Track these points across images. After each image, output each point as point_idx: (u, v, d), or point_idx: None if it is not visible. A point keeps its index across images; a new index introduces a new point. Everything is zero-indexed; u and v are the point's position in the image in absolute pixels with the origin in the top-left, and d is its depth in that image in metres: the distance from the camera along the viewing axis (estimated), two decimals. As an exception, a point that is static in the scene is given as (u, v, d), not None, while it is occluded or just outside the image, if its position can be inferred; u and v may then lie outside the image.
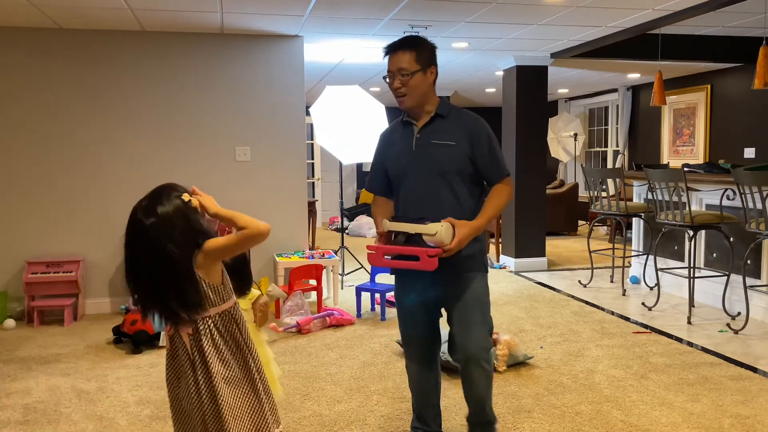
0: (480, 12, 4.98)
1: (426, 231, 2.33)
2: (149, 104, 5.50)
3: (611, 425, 3.09)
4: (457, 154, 2.48)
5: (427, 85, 2.49)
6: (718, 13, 5.42)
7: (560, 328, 4.77)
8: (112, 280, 5.50)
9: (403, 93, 2.47)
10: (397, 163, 2.58)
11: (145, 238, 1.83)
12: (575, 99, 11.49)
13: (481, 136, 2.50)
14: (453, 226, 2.36)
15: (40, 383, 3.76)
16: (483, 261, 2.60)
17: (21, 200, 5.30)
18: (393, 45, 2.49)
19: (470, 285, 2.54)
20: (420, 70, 2.45)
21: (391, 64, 2.48)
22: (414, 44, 2.47)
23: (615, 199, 5.77)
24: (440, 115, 2.53)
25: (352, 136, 6.09)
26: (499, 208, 2.52)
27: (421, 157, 2.50)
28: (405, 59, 2.44)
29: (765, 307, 4.88)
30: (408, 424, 3.13)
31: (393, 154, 2.61)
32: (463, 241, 2.37)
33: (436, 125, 2.52)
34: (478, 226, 2.43)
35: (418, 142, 2.52)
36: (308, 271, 5.25)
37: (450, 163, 2.48)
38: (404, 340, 2.78)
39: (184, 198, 1.88)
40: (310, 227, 7.85)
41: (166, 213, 1.84)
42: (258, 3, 4.67)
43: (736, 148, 7.87)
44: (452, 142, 2.48)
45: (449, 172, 2.48)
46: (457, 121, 2.52)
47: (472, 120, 2.54)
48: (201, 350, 1.90)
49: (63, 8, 4.70)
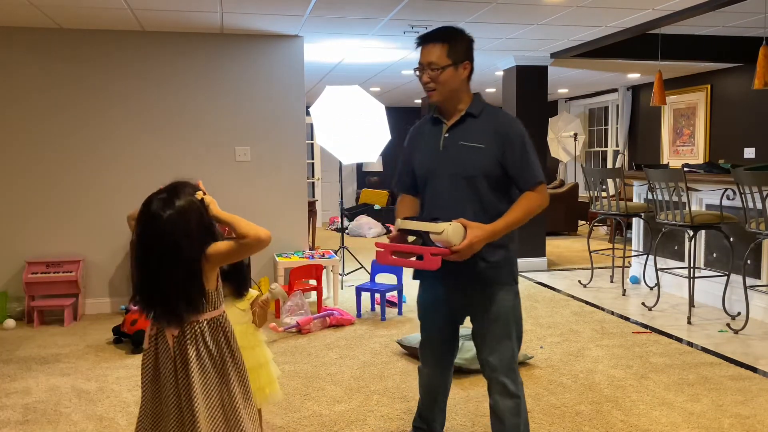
0: (480, 12, 4.98)
1: (433, 229, 2.21)
2: (149, 104, 5.50)
3: (611, 425, 3.09)
4: (486, 157, 2.30)
5: (458, 81, 2.32)
6: (718, 13, 5.42)
7: (560, 328, 4.77)
8: (112, 280, 5.50)
9: (432, 87, 2.32)
10: (424, 163, 2.44)
11: (159, 231, 1.82)
12: (575, 99, 11.49)
13: (513, 139, 2.31)
14: (465, 228, 2.20)
15: (40, 383, 3.76)
16: (511, 271, 2.39)
17: (21, 200, 5.30)
18: (425, 36, 2.33)
19: (495, 298, 2.36)
20: (451, 65, 2.29)
21: (422, 57, 2.32)
22: (447, 37, 2.30)
23: (615, 199, 5.77)
24: (471, 115, 2.36)
25: (352, 136, 6.10)
26: (525, 214, 2.29)
27: (448, 159, 2.35)
28: (435, 53, 2.29)
29: (765, 307, 4.88)
30: (408, 424, 3.13)
31: (420, 153, 2.47)
32: (474, 243, 2.18)
33: (466, 125, 2.36)
34: (494, 230, 2.22)
35: (446, 142, 2.37)
36: (308, 271, 5.24)
37: (477, 167, 2.30)
38: (421, 343, 2.66)
39: (197, 196, 1.89)
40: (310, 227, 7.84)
41: (183, 208, 1.84)
42: (258, 3, 4.67)
43: (736, 148, 7.87)
44: (481, 144, 2.31)
45: (476, 177, 2.31)
46: (488, 121, 2.34)
47: (506, 120, 2.35)
48: (185, 354, 1.88)
49: (63, 8, 4.70)
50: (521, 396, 2.40)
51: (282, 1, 4.61)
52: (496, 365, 2.38)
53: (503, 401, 2.38)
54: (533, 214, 2.32)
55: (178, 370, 1.89)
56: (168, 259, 1.82)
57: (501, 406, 2.39)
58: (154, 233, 1.83)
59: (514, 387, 2.37)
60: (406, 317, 5.17)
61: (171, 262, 1.82)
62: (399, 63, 7.33)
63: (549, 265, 7.34)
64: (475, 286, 2.37)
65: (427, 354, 2.65)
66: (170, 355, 1.89)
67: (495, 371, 2.39)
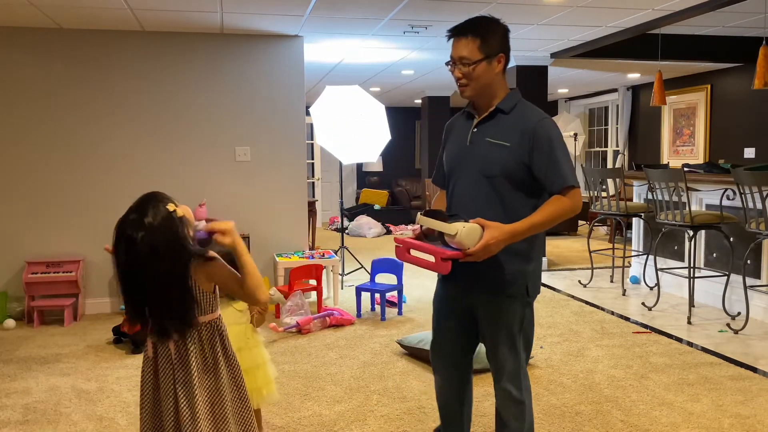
0: (480, 12, 4.98)
1: (446, 230, 2.06)
2: (149, 104, 5.50)
3: (611, 425, 3.09)
4: (510, 156, 2.17)
5: (492, 75, 2.20)
6: (718, 13, 5.42)
7: (560, 328, 4.77)
8: (112, 280, 5.50)
9: (464, 83, 2.20)
10: (451, 157, 2.35)
11: (134, 253, 1.77)
12: (575, 99, 11.49)
13: (541, 138, 2.15)
14: (483, 228, 2.06)
15: (40, 383, 3.76)
16: (525, 282, 2.23)
17: (21, 200, 5.30)
18: (457, 28, 2.21)
19: (501, 308, 2.25)
20: (484, 59, 2.16)
21: (453, 51, 2.20)
22: (479, 29, 2.18)
23: (615, 199, 5.77)
24: (502, 110, 2.23)
25: (352, 136, 6.10)
26: (551, 217, 2.12)
27: (472, 155, 2.25)
28: (468, 47, 2.16)
29: (765, 307, 4.88)
30: (408, 424, 3.14)
31: (450, 146, 2.38)
32: (491, 245, 2.04)
33: (495, 121, 2.23)
34: (514, 231, 2.07)
35: (473, 137, 2.26)
36: (308, 271, 5.24)
37: (498, 166, 2.18)
38: (431, 348, 2.53)
39: (169, 208, 1.83)
40: (310, 227, 7.84)
41: (152, 225, 1.78)
42: (258, 3, 4.67)
43: (736, 148, 7.87)
44: (507, 142, 2.18)
45: (496, 176, 2.18)
46: (518, 118, 2.21)
47: (536, 119, 2.19)
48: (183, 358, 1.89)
49: (63, 8, 4.70)
50: (526, 401, 2.32)
51: (282, 1, 4.61)
52: (499, 372, 2.32)
53: (507, 406, 2.33)
54: (561, 218, 2.15)
55: (177, 372, 1.89)
56: (148, 279, 1.79)
57: (505, 410, 2.34)
58: (130, 256, 1.79)
59: (518, 393, 2.30)
60: (406, 317, 5.16)
61: (150, 282, 1.79)
62: (399, 63, 7.33)
63: (549, 265, 7.34)
64: (488, 296, 2.27)
65: (436, 362, 2.52)
66: (170, 359, 1.89)
67: (498, 377, 2.33)
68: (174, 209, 1.82)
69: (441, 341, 2.48)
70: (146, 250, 1.76)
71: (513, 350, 2.29)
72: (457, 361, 2.47)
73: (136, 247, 1.76)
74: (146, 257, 1.76)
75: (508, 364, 2.29)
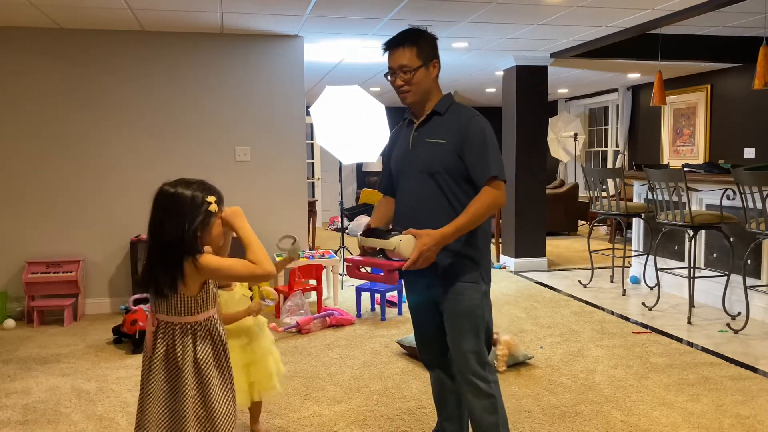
0: (480, 12, 4.98)
1: (386, 246, 2.24)
2: (149, 104, 5.50)
3: (611, 425, 3.09)
4: (447, 152, 2.33)
5: (430, 80, 2.38)
6: (718, 13, 5.42)
7: (560, 328, 4.77)
8: (112, 280, 5.50)
9: (406, 90, 2.37)
10: (396, 162, 2.50)
11: (157, 201, 1.91)
12: (575, 99, 11.49)
13: (472, 133, 2.31)
14: (415, 238, 2.21)
15: (40, 383, 3.76)
16: (477, 270, 2.37)
17: (21, 200, 5.30)
18: (392, 41, 2.37)
19: (460, 295, 2.36)
20: (422, 66, 2.34)
21: (392, 61, 2.37)
22: (414, 39, 2.34)
23: (615, 199, 5.77)
24: (437, 112, 2.40)
25: (352, 136, 6.10)
26: (478, 214, 2.26)
27: (415, 156, 2.41)
28: (406, 56, 2.33)
29: (765, 307, 4.88)
30: (408, 424, 3.14)
31: (394, 152, 2.53)
32: (424, 251, 2.19)
33: (432, 123, 2.41)
34: (444, 235, 2.21)
35: (414, 140, 2.43)
36: (308, 271, 5.25)
37: (438, 162, 2.33)
38: (416, 345, 2.66)
39: (208, 200, 1.91)
40: (310, 227, 7.85)
41: (183, 195, 1.89)
42: (258, 3, 4.67)
43: (736, 148, 7.87)
44: (443, 140, 2.34)
45: (438, 172, 2.33)
46: (453, 117, 2.38)
47: (468, 116, 2.36)
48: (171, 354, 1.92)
49: (63, 8, 4.70)
50: (495, 394, 2.38)
51: (282, 1, 4.61)
52: (462, 364, 2.37)
53: (477, 401, 2.37)
54: (487, 214, 2.28)
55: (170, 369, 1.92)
56: (153, 230, 1.91)
57: (475, 406, 2.37)
58: (155, 203, 1.93)
59: (485, 386, 2.36)
60: (406, 317, 5.16)
61: (153, 235, 1.90)
62: (399, 63, 7.32)
63: (549, 265, 7.34)
64: (444, 283, 2.37)
65: (423, 355, 2.64)
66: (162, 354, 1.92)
67: (462, 371, 2.37)
68: (211, 202, 1.92)
69: (423, 337, 2.60)
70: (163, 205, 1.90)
71: (476, 341, 2.37)
72: (444, 350, 2.52)
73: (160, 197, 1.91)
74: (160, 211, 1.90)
75: (471, 357, 2.36)
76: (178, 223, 1.87)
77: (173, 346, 1.92)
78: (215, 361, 1.97)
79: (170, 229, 1.87)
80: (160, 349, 1.92)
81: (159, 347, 1.92)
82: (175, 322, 1.93)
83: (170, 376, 1.92)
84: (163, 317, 1.94)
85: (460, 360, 2.38)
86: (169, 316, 1.93)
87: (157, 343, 1.93)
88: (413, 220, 2.35)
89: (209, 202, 1.91)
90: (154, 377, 1.92)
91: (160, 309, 1.94)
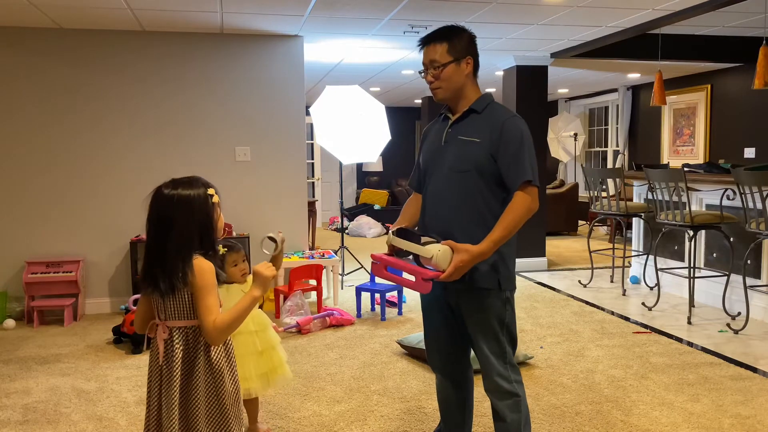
0: (480, 12, 4.98)
1: (423, 253, 2.20)
2: (149, 104, 5.50)
3: (611, 425, 3.09)
4: (480, 151, 2.27)
5: (462, 77, 2.33)
6: (718, 13, 5.42)
7: (560, 328, 4.77)
8: (112, 280, 5.50)
9: (436, 86, 2.34)
10: (427, 157, 2.45)
11: (158, 204, 1.91)
12: (575, 99, 11.49)
13: (509, 133, 2.26)
14: (452, 250, 2.17)
15: (40, 383, 3.76)
16: (497, 277, 2.32)
17: (21, 200, 5.30)
18: (426, 37, 2.36)
19: (481, 304, 2.33)
20: (453, 62, 2.30)
21: (424, 57, 2.35)
22: (447, 35, 2.32)
23: (615, 199, 5.77)
24: (474, 110, 2.35)
25: (352, 136, 6.09)
26: (512, 226, 2.20)
27: (446, 153, 2.36)
28: (437, 51, 2.31)
29: (765, 307, 4.88)
30: (408, 424, 3.14)
31: (426, 148, 2.49)
32: (460, 269, 2.16)
33: (468, 120, 2.36)
34: (481, 252, 2.17)
35: (448, 137, 2.38)
36: (308, 271, 5.24)
37: (470, 161, 2.28)
38: (425, 346, 2.62)
39: (209, 192, 1.94)
40: (310, 227, 7.84)
41: (189, 194, 1.91)
42: (258, 3, 4.67)
43: (736, 148, 7.87)
44: (477, 138, 2.29)
45: (469, 171, 2.28)
46: (489, 116, 2.32)
47: (505, 117, 2.31)
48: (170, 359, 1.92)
49: (63, 8, 4.70)
50: (519, 393, 2.37)
51: (282, 1, 4.61)
52: (487, 367, 2.36)
53: (500, 401, 2.37)
54: (521, 223, 2.23)
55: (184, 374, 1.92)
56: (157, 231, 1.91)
57: (499, 405, 2.38)
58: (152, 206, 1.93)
59: (508, 385, 2.35)
60: (406, 317, 5.16)
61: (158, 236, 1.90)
62: (399, 63, 7.33)
63: (549, 265, 7.34)
64: (464, 289, 2.34)
65: (433, 359, 2.59)
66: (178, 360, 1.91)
67: (487, 373, 2.37)
68: (213, 193, 1.95)
69: (433, 338, 2.56)
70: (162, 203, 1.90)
71: (498, 344, 2.35)
72: (453, 356, 2.52)
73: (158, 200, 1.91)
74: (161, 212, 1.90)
75: (493, 359, 2.35)
76: (191, 221, 1.88)
77: (186, 350, 1.92)
78: (227, 362, 1.97)
79: (182, 228, 1.87)
80: (175, 354, 1.91)
81: (176, 353, 1.91)
82: (188, 326, 1.93)
83: (184, 381, 1.91)
84: (174, 323, 1.93)
85: (483, 360, 2.37)
86: (180, 320, 1.92)
87: (174, 349, 1.92)
88: (439, 219, 2.34)
89: (211, 194, 1.94)
90: (165, 383, 1.91)
91: (169, 315, 1.93)
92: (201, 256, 1.91)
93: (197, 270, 1.88)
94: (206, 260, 1.91)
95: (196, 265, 1.88)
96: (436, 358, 2.57)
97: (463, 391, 2.58)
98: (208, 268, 1.90)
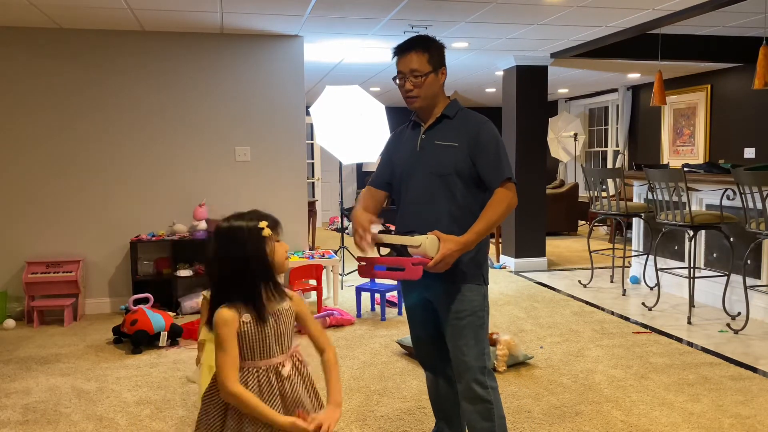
0: (480, 12, 4.98)
1: (411, 243, 2.28)
2: (149, 104, 5.50)
3: (611, 425, 3.09)
4: (459, 155, 2.36)
5: (438, 86, 2.42)
6: (718, 13, 5.42)
7: (560, 328, 4.77)
8: (112, 280, 5.50)
9: (415, 95, 2.39)
10: (402, 164, 2.50)
11: (216, 239, 1.90)
12: (575, 99, 11.49)
13: (484, 138, 2.37)
14: (439, 240, 2.24)
15: (40, 383, 3.76)
16: (478, 272, 2.42)
17: (21, 200, 5.30)
18: (404, 45, 2.40)
19: (461, 297, 2.38)
20: (432, 72, 2.37)
21: (402, 65, 2.38)
22: (426, 45, 2.38)
23: (615, 199, 5.77)
24: (447, 116, 2.43)
25: (352, 136, 6.09)
26: (495, 219, 2.30)
27: (424, 159, 2.42)
28: (417, 60, 2.35)
29: (765, 307, 4.88)
30: (408, 424, 3.14)
31: (399, 155, 2.53)
32: (447, 256, 2.22)
33: (441, 126, 2.44)
34: (467, 242, 2.25)
35: (423, 143, 2.44)
36: (308, 271, 5.24)
37: (449, 164, 2.37)
38: (413, 344, 2.69)
39: (260, 225, 1.89)
40: (310, 227, 7.85)
41: (239, 226, 1.88)
42: (258, 3, 4.67)
43: (736, 148, 7.87)
44: (455, 143, 2.38)
45: (450, 174, 2.36)
46: (463, 122, 2.42)
47: (479, 122, 2.41)
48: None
49: (63, 8, 4.70)
50: (492, 400, 2.38)
51: (282, 1, 4.61)
52: (461, 367, 2.38)
53: (472, 407, 2.38)
54: (503, 217, 2.33)
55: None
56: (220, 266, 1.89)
57: (470, 411, 2.39)
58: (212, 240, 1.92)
59: (482, 391, 2.36)
60: (406, 317, 5.16)
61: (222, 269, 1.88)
62: (399, 63, 7.31)
63: (549, 265, 7.34)
64: (445, 284, 2.39)
65: (420, 355, 2.66)
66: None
67: (461, 374, 2.38)
68: (264, 227, 1.90)
69: (418, 338, 2.63)
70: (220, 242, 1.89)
71: (477, 344, 2.38)
72: (444, 353, 2.53)
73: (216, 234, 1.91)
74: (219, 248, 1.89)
75: (472, 361, 2.36)
76: (240, 254, 1.86)
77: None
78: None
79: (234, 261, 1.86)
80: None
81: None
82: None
83: None
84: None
85: (459, 364, 2.38)
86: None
87: None
88: (420, 220, 2.37)
89: (261, 227, 1.90)
90: None
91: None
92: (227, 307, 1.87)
93: (215, 321, 1.87)
94: (228, 310, 1.86)
95: (216, 315, 1.86)
96: (422, 355, 2.64)
97: (455, 386, 2.59)
98: (222, 322, 1.85)
